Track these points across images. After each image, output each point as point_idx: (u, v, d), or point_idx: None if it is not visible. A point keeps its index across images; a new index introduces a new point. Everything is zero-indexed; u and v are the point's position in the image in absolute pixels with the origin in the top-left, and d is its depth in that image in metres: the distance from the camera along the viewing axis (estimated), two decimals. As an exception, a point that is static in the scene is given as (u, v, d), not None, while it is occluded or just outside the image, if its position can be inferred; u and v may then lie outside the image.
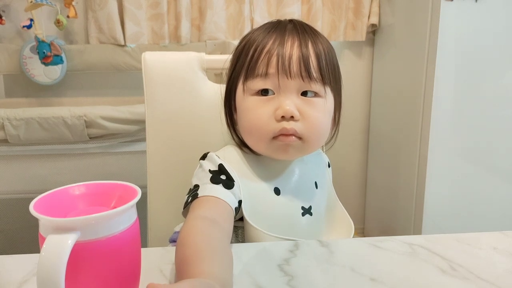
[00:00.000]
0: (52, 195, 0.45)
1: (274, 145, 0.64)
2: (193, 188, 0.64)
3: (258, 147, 0.66)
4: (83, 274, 0.40)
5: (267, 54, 0.63)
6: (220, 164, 0.65)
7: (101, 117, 1.37)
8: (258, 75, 0.63)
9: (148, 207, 0.85)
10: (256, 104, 0.64)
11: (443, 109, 1.52)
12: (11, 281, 0.51)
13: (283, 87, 0.62)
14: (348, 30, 1.88)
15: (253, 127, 0.64)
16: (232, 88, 0.68)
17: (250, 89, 0.64)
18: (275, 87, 0.63)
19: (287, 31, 0.65)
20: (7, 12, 1.72)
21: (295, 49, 0.63)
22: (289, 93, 0.62)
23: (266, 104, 0.63)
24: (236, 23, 1.81)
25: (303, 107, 0.63)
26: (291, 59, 0.62)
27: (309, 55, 0.63)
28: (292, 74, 0.62)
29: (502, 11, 1.47)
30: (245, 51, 0.66)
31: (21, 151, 1.41)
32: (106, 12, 1.70)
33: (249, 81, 0.64)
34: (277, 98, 0.63)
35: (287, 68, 0.62)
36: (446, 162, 1.55)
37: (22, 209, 1.21)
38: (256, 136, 0.65)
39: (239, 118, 0.68)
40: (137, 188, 0.45)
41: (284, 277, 0.52)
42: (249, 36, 0.68)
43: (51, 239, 0.38)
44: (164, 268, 0.54)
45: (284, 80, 0.62)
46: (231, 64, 0.69)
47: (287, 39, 0.63)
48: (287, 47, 0.63)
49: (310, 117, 0.63)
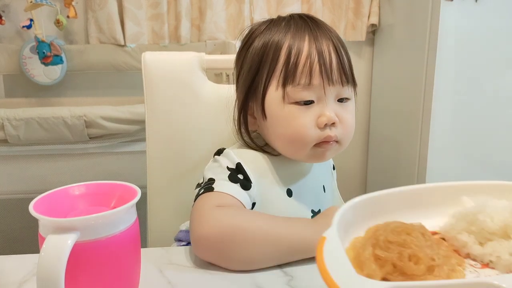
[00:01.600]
0: (52, 195, 0.45)
1: (314, 152, 0.64)
2: (208, 181, 0.62)
3: (297, 155, 0.65)
4: (83, 274, 0.40)
5: (308, 61, 0.61)
6: (238, 162, 0.64)
7: (101, 117, 1.37)
8: (299, 84, 0.61)
9: (148, 207, 0.85)
10: (297, 113, 0.62)
11: (443, 109, 1.52)
12: (11, 281, 0.50)
13: (325, 95, 0.62)
14: (348, 30, 1.88)
15: (296, 136, 0.63)
16: (255, 93, 0.66)
17: (289, 98, 0.62)
18: (318, 96, 0.62)
19: (317, 30, 0.64)
20: (7, 12, 1.71)
21: (333, 55, 0.62)
22: (330, 99, 0.63)
23: (307, 113, 0.62)
24: (236, 23, 1.81)
25: (341, 112, 0.63)
26: (332, 66, 0.62)
27: (344, 60, 0.63)
28: (334, 81, 0.62)
29: (502, 11, 1.47)
30: (272, 53, 0.63)
31: (21, 151, 1.41)
32: (106, 12, 1.70)
33: (288, 88, 0.62)
34: (317, 106, 0.62)
35: (330, 76, 0.62)
36: (446, 162, 1.55)
37: (22, 209, 1.21)
38: (298, 144, 0.64)
39: (273, 126, 0.65)
40: (137, 188, 0.45)
41: (284, 277, 0.52)
42: (269, 35, 0.65)
43: (51, 239, 0.38)
44: (164, 268, 0.54)
45: (327, 88, 0.62)
46: (251, 65, 0.66)
47: (322, 42, 0.63)
48: (325, 53, 0.62)
49: (347, 121, 0.64)
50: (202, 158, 0.75)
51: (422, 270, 0.34)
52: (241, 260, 0.53)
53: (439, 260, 0.35)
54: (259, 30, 0.67)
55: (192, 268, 0.54)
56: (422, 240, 0.36)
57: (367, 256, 0.35)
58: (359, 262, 0.36)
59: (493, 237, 0.38)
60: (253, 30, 0.68)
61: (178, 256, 0.57)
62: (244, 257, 0.53)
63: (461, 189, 0.44)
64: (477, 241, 0.39)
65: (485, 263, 0.37)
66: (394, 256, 0.35)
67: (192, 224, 0.56)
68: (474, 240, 0.39)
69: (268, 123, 0.66)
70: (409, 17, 1.66)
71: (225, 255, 0.53)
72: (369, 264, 0.35)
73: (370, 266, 0.35)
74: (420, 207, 0.42)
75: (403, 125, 1.70)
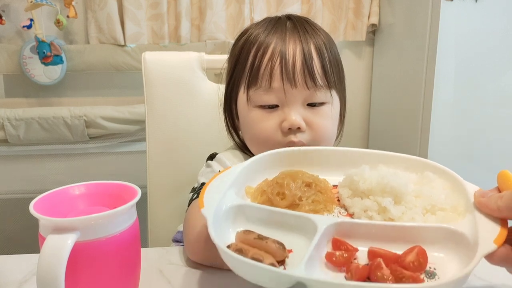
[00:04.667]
0: (52, 195, 0.45)
1: None
2: (200, 186, 0.63)
3: None
4: (83, 274, 0.40)
5: (269, 63, 0.60)
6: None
7: (101, 117, 1.37)
8: (261, 87, 0.60)
9: (148, 207, 0.85)
10: (260, 117, 0.61)
11: (443, 109, 1.52)
12: (11, 281, 0.50)
13: (288, 98, 0.60)
14: (348, 30, 1.88)
15: (260, 140, 0.62)
16: (233, 94, 0.66)
17: (253, 101, 0.62)
18: (280, 100, 0.60)
19: (287, 32, 0.62)
20: (7, 12, 1.71)
21: (298, 55, 0.60)
22: (295, 103, 0.60)
23: (271, 117, 0.61)
24: (236, 23, 1.81)
25: (310, 117, 0.61)
26: (295, 68, 0.59)
27: (313, 61, 0.60)
28: (297, 84, 0.59)
29: (502, 11, 1.47)
30: (244, 53, 0.63)
31: (21, 151, 1.41)
32: (106, 12, 1.70)
33: (252, 90, 0.61)
34: (282, 110, 0.61)
35: (291, 78, 0.59)
36: (446, 162, 1.54)
37: (22, 209, 1.21)
38: (263, 149, 0.62)
39: (243, 128, 0.66)
40: (137, 188, 0.45)
41: (284, 277, 0.52)
42: (248, 34, 0.65)
43: (51, 239, 0.38)
44: (164, 268, 0.54)
45: (289, 91, 0.59)
46: (230, 64, 0.67)
47: (288, 44, 0.60)
48: (289, 53, 0.60)
49: (318, 127, 0.61)
50: (202, 158, 0.75)
51: (284, 204, 0.46)
52: None
53: (306, 201, 0.46)
54: (246, 30, 0.67)
55: (192, 268, 0.54)
56: (299, 185, 0.47)
57: (258, 188, 0.49)
58: (254, 191, 0.49)
59: (363, 196, 0.47)
60: (242, 30, 0.68)
61: (178, 256, 0.57)
62: None
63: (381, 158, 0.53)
64: (351, 196, 0.48)
65: (350, 213, 0.47)
66: (269, 191, 0.47)
67: (183, 229, 0.57)
68: (348, 194, 0.48)
69: (241, 126, 0.66)
70: (409, 17, 1.66)
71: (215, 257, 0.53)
72: (255, 193, 0.48)
73: (255, 194, 0.48)
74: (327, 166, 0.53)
75: (403, 124, 1.70)
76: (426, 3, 1.49)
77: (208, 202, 0.42)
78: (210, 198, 0.43)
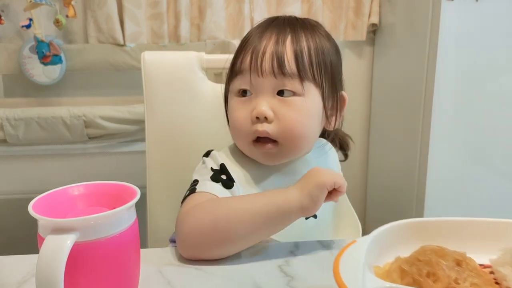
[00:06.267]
0: (51, 195, 0.44)
1: (254, 151, 0.63)
2: (193, 183, 0.64)
3: (243, 150, 0.65)
4: (82, 274, 0.40)
5: (243, 52, 0.62)
6: (222, 163, 0.64)
7: (100, 117, 1.37)
8: (235, 73, 0.63)
9: (148, 207, 0.85)
10: (236, 105, 0.63)
11: (444, 109, 1.52)
12: (10, 281, 0.50)
13: (256, 86, 0.60)
14: (348, 29, 1.88)
15: (234, 129, 0.64)
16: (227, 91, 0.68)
17: (232, 89, 0.64)
18: (250, 86, 0.61)
19: (271, 26, 0.63)
20: (6, 11, 1.71)
21: (270, 45, 0.60)
22: (264, 92, 0.60)
23: (244, 105, 0.62)
24: (236, 23, 1.81)
25: (278, 108, 0.60)
26: (264, 56, 0.60)
27: (285, 51, 0.60)
28: (263, 71, 0.60)
29: (503, 11, 1.47)
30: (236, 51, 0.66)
31: (20, 151, 1.40)
32: (105, 11, 1.69)
33: (232, 80, 0.64)
34: (253, 99, 0.61)
35: (258, 65, 0.60)
36: (447, 162, 1.55)
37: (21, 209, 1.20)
38: (237, 138, 0.65)
39: None
40: (136, 188, 0.45)
41: (284, 278, 0.51)
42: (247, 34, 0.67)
43: (50, 240, 0.38)
44: (164, 269, 0.53)
45: (256, 78, 0.60)
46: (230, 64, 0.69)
47: (265, 35, 0.62)
48: (262, 43, 0.61)
49: (285, 118, 0.60)
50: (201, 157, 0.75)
51: None
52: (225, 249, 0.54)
53: (463, 284, 0.37)
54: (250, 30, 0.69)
55: (192, 268, 0.54)
56: (450, 264, 0.38)
57: (393, 268, 0.40)
58: (386, 272, 0.40)
59: None
60: None
61: (178, 256, 0.57)
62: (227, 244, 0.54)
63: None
64: None
65: None
66: (414, 271, 0.38)
67: (175, 227, 0.57)
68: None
69: None
70: (409, 17, 1.65)
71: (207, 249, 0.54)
72: (393, 274, 0.39)
73: (392, 276, 0.39)
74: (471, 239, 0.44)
75: (404, 124, 1.70)
76: (427, 3, 1.49)
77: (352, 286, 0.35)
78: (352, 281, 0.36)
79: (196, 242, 0.54)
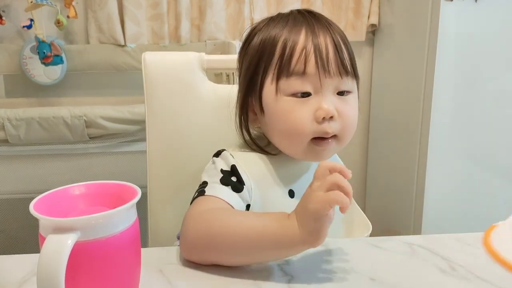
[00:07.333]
0: (52, 195, 0.45)
1: (312, 149, 0.62)
2: (201, 184, 0.63)
3: (293, 151, 0.64)
4: (83, 274, 0.41)
5: (303, 51, 0.60)
6: (233, 165, 0.63)
7: (101, 117, 1.37)
8: (294, 74, 0.60)
9: (148, 207, 0.85)
10: (293, 106, 0.61)
11: (443, 109, 1.52)
12: (11, 281, 0.50)
13: (322, 86, 0.60)
14: (348, 30, 1.88)
15: (292, 130, 0.61)
16: (254, 88, 0.65)
17: (284, 90, 0.61)
18: (314, 88, 0.60)
19: (315, 24, 0.62)
20: (7, 12, 1.71)
21: (330, 45, 0.60)
22: (328, 92, 0.60)
23: (304, 106, 0.60)
24: (236, 23, 1.81)
25: (340, 106, 0.61)
26: (328, 56, 0.60)
27: (343, 51, 0.61)
28: (331, 72, 0.60)
29: (502, 11, 1.47)
30: (269, 47, 0.62)
31: (21, 151, 1.41)
32: (106, 12, 1.70)
33: (283, 80, 0.61)
34: (314, 98, 0.60)
35: (325, 67, 0.59)
36: (446, 162, 1.55)
37: (22, 209, 1.21)
38: (294, 139, 0.62)
39: (270, 120, 0.64)
40: (137, 188, 0.45)
41: (284, 277, 0.52)
42: (267, 31, 0.64)
43: (51, 239, 0.38)
44: (164, 268, 0.54)
45: (323, 79, 0.60)
46: (249, 60, 0.66)
47: (319, 34, 0.61)
48: (321, 42, 0.60)
49: (347, 116, 0.61)
50: (202, 158, 0.75)
51: None
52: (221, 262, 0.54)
53: None
54: (258, 28, 0.67)
55: (192, 268, 0.54)
56: None
57: None
58: None
59: None
60: (252, 29, 0.68)
61: (178, 256, 0.57)
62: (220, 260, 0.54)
63: None
64: None
65: None
66: None
67: (182, 228, 0.57)
68: None
69: (266, 118, 0.65)
70: (409, 17, 1.66)
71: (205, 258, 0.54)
72: None
73: None
74: None
75: (403, 124, 1.70)
76: (426, 3, 1.49)
77: None
78: None
79: (194, 248, 0.55)
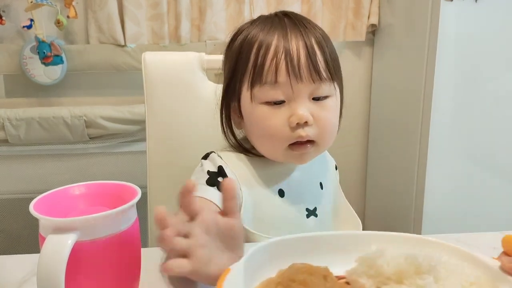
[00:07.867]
0: (52, 195, 0.45)
1: (290, 154, 0.63)
2: None
3: (273, 155, 0.65)
4: (83, 274, 0.41)
5: (274, 59, 0.60)
6: (220, 166, 0.64)
7: (101, 117, 1.38)
8: (266, 82, 0.60)
9: (149, 206, 0.85)
10: (267, 114, 0.61)
11: (443, 109, 1.52)
12: (11, 281, 0.51)
13: (295, 93, 0.60)
14: (347, 30, 1.88)
15: (267, 137, 0.62)
16: (235, 92, 0.66)
17: (259, 98, 0.61)
18: (286, 95, 0.61)
19: (288, 28, 0.62)
20: (7, 12, 1.71)
21: (302, 50, 0.60)
22: (301, 98, 0.60)
23: (278, 112, 0.61)
24: (236, 23, 1.81)
25: (316, 111, 0.61)
26: (300, 63, 0.60)
27: (316, 55, 0.61)
28: (303, 78, 0.60)
29: (502, 11, 1.47)
30: (245, 51, 0.63)
31: (21, 151, 1.41)
32: (106, 12, 1.70)
33: (256, 88, 0.61)
34: (288, 105, 0.61)
35: (297, 73, 0.59)
36: (446, 162, 1.55)
37: (22, 209, 1.21)
38: (270, 145, 0.63)
39: (249, 125, 0.65)
40: (137, 188, 0.45)
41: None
42: (246, 32, 0.65)
43: (51, 239, 0.38)
44: (164, 268, 0.54)
45: (295, 86, 0.60)
46: (229, 64, 0.66)
47: (291, 39, 0.61)
48: (293, 48, 0.60)
49: (323, 120, 0.62)
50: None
51: None
52: None
53: None
54: (241, 29, 0.67)
55: (192, 268, 0.54)
56: (321, 281, 0.39)
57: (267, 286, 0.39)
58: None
59: (389, 282, 0.40)
60: (235, 31, 0.68)
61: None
62: None
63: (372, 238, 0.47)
64: (375, 285, 0.40)
65: None
66: None
67: None
68: (372, 283, 0.41)
69: (245, 123, 0.66)
70: (409, 17, 1.66)
71: None
72: None
73: None
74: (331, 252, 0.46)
75: (403, 125, 1.70)
76: (426, 3, 1.49)
77: None
78: None
79: None
